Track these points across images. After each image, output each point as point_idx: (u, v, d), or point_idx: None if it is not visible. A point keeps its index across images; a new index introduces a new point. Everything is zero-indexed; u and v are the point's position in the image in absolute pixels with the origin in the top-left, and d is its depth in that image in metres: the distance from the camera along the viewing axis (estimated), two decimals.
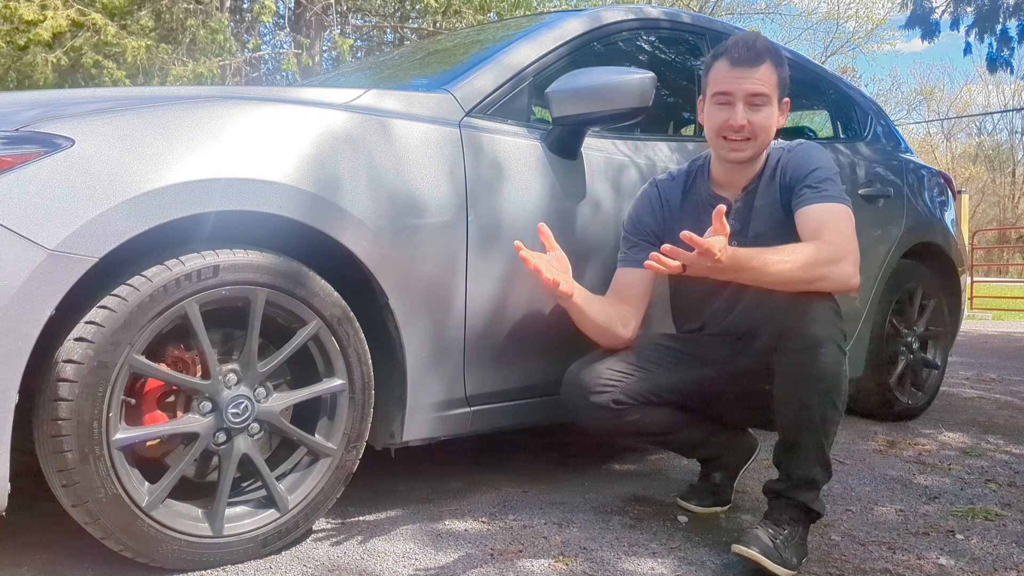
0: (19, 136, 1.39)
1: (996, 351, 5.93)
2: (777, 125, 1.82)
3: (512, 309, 1.95)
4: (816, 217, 1.71)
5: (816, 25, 27.04)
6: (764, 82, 1.76)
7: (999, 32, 8.67)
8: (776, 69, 1.79)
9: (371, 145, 1.74)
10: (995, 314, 10.62)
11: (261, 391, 1.61)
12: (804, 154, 1.81)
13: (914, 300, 3.19)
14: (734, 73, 1.76)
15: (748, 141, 1.78)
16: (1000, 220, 37.94)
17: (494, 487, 2.19)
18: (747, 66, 1.75)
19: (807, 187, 1.75)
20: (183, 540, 1.51)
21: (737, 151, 1.78)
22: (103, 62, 9.08)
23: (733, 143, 1.78)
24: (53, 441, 1.38)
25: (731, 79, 1.76)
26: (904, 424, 3.11)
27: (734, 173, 1.87)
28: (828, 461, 1.67)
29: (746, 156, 1.80)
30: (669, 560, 1.69)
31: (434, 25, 12.18)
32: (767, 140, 1.81)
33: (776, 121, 1.82)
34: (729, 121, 1.76)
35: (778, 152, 1.86)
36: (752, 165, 1.85)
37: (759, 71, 1.75)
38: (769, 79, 1.77)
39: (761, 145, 1.80)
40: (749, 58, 1.75)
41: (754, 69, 1.75)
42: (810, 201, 1.73)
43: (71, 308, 1.40)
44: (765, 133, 1.79)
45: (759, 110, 1.76)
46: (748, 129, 1.76)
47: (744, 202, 1.86)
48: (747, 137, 1.77)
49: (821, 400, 1.61)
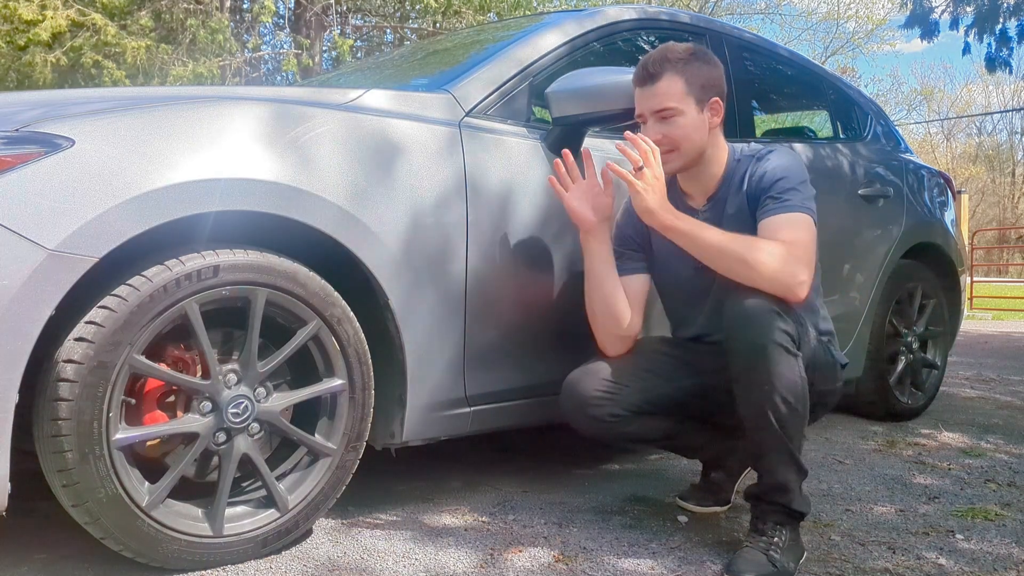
0: (19, 136, 1.39)
1: (996, 351, 5.93)
2: (709, 125, 1.81)
3: (512, 309, 1.95)
4: (775, 226, 1.71)
5: (816, 25, 27.02)
6: (668, 95, 1.78)
7: (998, 32, 8.66)
8: (680, 76, 1.78)
9: (371, 145, 1.74)
10: (995, 314, 10.62)
11: (261, 391, 1.61)
12: (771, 163, 1.79)
13: (914, 300, 3.20)
14: (640, 93, 1.83)
15: (672, 153, 1.79)
16: (1000, 220, 37.94)
17: (494, 487, 2.19)
18: (647, 83, 1.80)
19: (770, 197, 1.74)
20: (183, 540, 1.51)
21: (666, 163, 1.78)
22: (103, 62, 9.08)
23: (662, 156, 1.78)
24: (53, 441, 1.38)
25: (640, 99, 1.83)
26: (904, 424, 3.11)
27: (692, 181, 1.88)
28: (799, 462, 1.65)
29: (675, 166, 1.81)
30: (669, 560, 1.69)
31: (434, 25, 12.18)
32: (693, 146, 1.80)
33: (702, 126, 1.80)
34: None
35: (747, 161, 1.84)
36: (705, 172, 1.85)
37: (659, 86, 1.78)
38: (672, 90, 1.78)
39: (688, 153, 1.80)
40: (645, 77, 1.80)
41: (654, 85, 1.79)
42: (772, 212, 1.72)
43: (71, 308, 1.40)
44: (686, 141, 1.79)
45: (669, 121, 1.78)
46: (666, 142, 1.78)
47: (712, 211, 1.85)
48: (669, 149, 1.79)
49: (774, 404, 1.59)
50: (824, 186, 1.83)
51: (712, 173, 1.86)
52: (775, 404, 1.59)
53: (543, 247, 2.00)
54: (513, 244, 1.94)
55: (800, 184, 1.76)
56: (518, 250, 1.95)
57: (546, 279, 2.01)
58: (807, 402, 1.64)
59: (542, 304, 2.01)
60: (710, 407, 1.88)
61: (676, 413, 1.87)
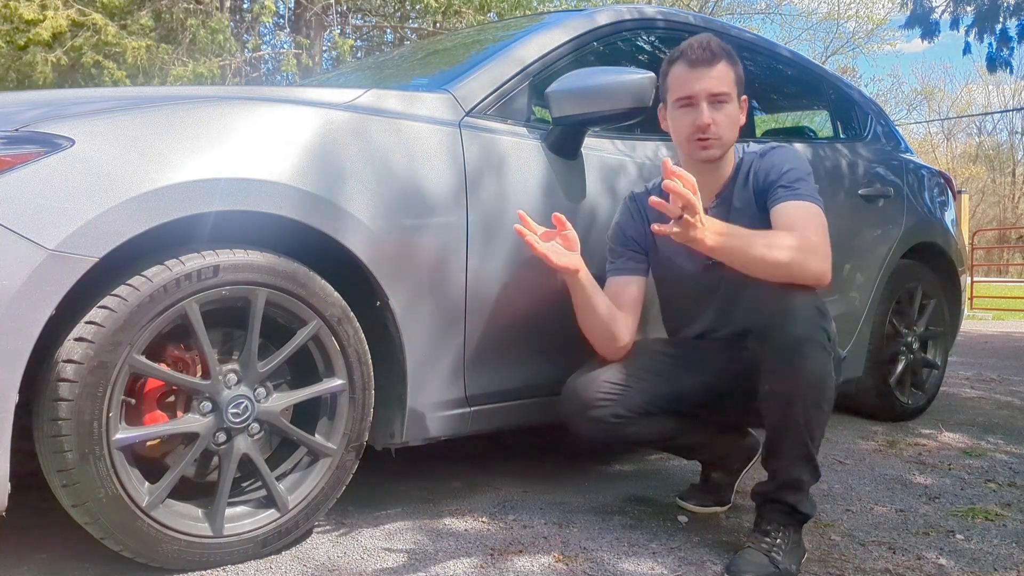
0: (19, 136, 1.39)
1: (996, 351, 5.93)
2: (739, 123, 1.84)
3: (512, 309, 1.95)
4: (791, 213, 1.72)
5: (816, 25, 27.02)
6: (723, 80, 1.78)
7: (998, 32, 8.66)
8: (732, 67, 1.81)
9: (371, 145, 1.74)
10: (995, 314, 10.62)
11: (261, 391, 1.61)
12: (777, 157, 1.82)
13: (914, 300, 3.19)
14: (693, 75, 1.78)
15: (716, 140, 1.79)
16: (1000, 220, 37.93)
17: (494, 487, 2.19)
18: (704, 66, 1.77)
19: (781, 186, 1.77)
20: (183, 540, 1.51)
21: (707, 149, 1.79)
22: (103, 62, 9.08)
23: (703, 143, 1.78)
24: (53, 441, 1.38)
25: (691, 81, 1.78)
26: (904, 424, 3.11)
27: (704, 177, 1.86)
28: (815, 461, 1.66)
29: (716, 154, 1.81)
30: (669, 560, 1.69)
31: (434, 25, 12.18)
32: (732, 138, 1.82)
33: (738, 118, 1.83)
34: (696, 122, 1.77)
35: (751, 157, 1.86)
36: (721, 168, 1.86)
37: (716, 69, 1.77)
38: (727, 77, 1.79)
39: (727, 143, 1.81)
40: (706, 58, 1.77)
41: (711, 68, 1.77)
42: (784, 199, 1.75)
43: (71, 308, 1.40)
44: (729, 130, 1.80)
45: (722, 108, 1.78)
46: (714, 129, 1.77)
47: (719, 208, 1.86)
48: (715, 136, 1.78)
49: (804, 400, 1.60)
50: (824, 186, 1.84)
51: (723, 172, 1.86)
52: (804, 400, 1.60)
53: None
54: (513, 244, 1.94)
55: (807, 175, 1.80)
56: (518, 250, 1.95)
57: (546, 279, 2.01)
58: (832, 403, 1.65)
59: (542, 304, 2.01)
60: (714, 405, 1.88)
61: (678, 413, 1.87)
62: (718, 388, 1.85)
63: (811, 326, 1.60)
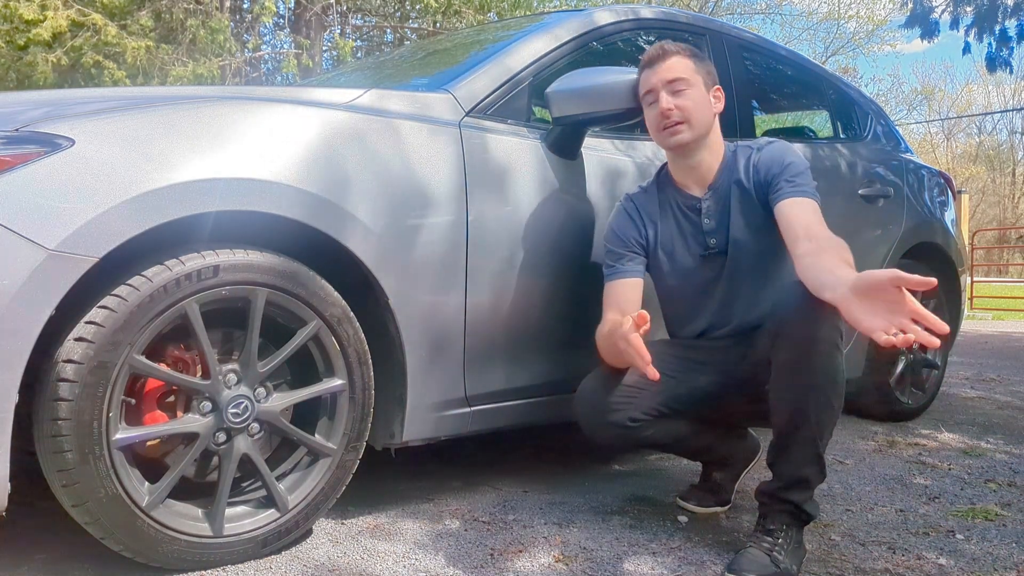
0: (19, 136, 1.39)
1: (996, 351, 5.93)
2: (715, 110, 1.89)
3: (512, 309, 1.95)
4: (801, 208, 1.75)
5: (816, 25, 26.95)
6: (677, 69, 1.85)
7: (998, 32, 8.66)
8: (689, 59, 1.87)
9: (371, 145, 1.74)
10: (995, 314, 10.61)
11: (261, 391, 1.61)
12: (776, 151, 1.86)
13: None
14: (650, 71, 1.87)
15: (682, 124, 1.83)
16: (1000, 220, 37.93)
17: (494, 487, 2.19)
18: (659, 61, 1.86)
19: (785, 181, 1.80)
20: (183, 540, 1.51)
21: (675, 134, 1.84)
22: (103, 62, 9.07)
23: (669, 129, 1.84)
24: (53, 441, 1.38)
25: (648, 78, 1.87)
26: (904, 424, 3.11)
27: (691, 170, 1.90)
28: (823, 461, 1.66)
29: (687, 138, 1.84)
30: (669, 560, 1.69)
31: (434, 25, 12.18)
32: (703, 122, 1.85)
33: (709, 105, 1.87)
34: (658, 110, 1.83)
35: (746, 151, 1.90)
36: (705, 158, 1.89)
37: (669, 61, 1.85)
38: (683, 66, 1.86)
39: (697, 126, 1.84)
40: (659, 55, 1.87)
41: (664, 61, 1.86)
42: (789, 194, 1.78)
43: (71, 308, 1.40)
44: (698, 113, 1.84)
45: (682, 94, 1.84)
46: (676, 112, 1.83)
47: (715, 200, 1.88)
48: (679, 120, 1.83)
49: (816, 398, 1.60)
50: (824, 186, 1.84)
51: (710, 163, 1.89)
52: (817, 398, 1.60)
53: (543, 247, 2.00)
54: (513, 244, 1.94)
55: (806, 169, 1.84)
56: (518, 250, 1.95)
57: (546, 279, 2.01)
58: (842, 403, 1.65)
59: (542, 304, 2.01)
60: (723, 405, 1.88)
61: (689, 415, 1.87)
62: (729, 388, 1.85)
63: (826, 325, 1.60)
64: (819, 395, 1.60)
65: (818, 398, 1.60)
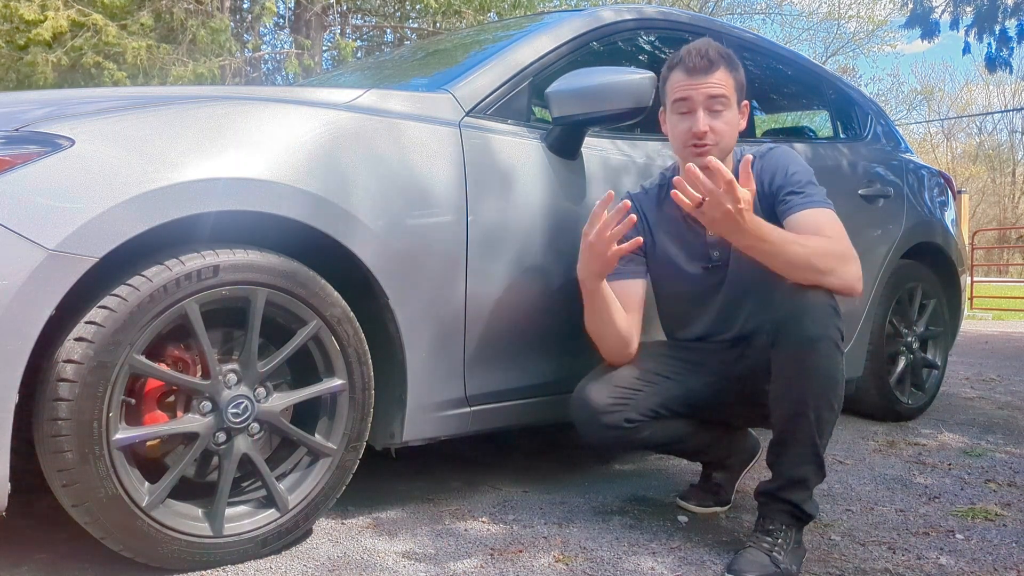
0: (19, 136, 1.39)
1: (996, 351, 5.93)
2: (739, 128, 1.85)
3: (512, 309, 1.95)
4: (813, 220, 1.72)
5: (817, 26, 26.95)
6: (721, 87, 1.79)
7: (998, 32, 8.66)
8: (732, 73, 1.81)
9: (371, 145, 1.74)
10: (995, 314, 10.61)
11: (261, 391, 1.61)
12: (779, 159, 1.83)
13: (914, 300, 3.19)
14: (691, 82, 1.79)
15: (714, 147, 1.79)
16: (1000, 220, 37.91)
17: (494, 487, 2.19)
18: (702, 74, 1.79)
19: (792, 192, 1.77)
20: (183, 540, 1.51)
21: (702, 155, 1.76)
22: (103, 62, 9.08)
23: (698, 148, 1.78)
24: (53, 441, 1.38)
25: (688, 88, 1.80)
26: (904, 424, 3.11)
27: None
28: (822, 461, 1.66)
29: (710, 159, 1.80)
30: (669, 560, 1.69)
31: (434, 25, 12.19)
32: (731, 143, 1.83)
33: (737, 124, 1.84)
34: (692, 129, 1.78)
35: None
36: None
37: (714, 76, 1.78)
38: (725, 83, 1.80)
39: (725, 149, 1.82)
40: (703, 66, 1.78)
41: (709, 75, 1.78)
42: (801, 207, 1.75)
43: (71, 308, 1.40)
44: (727, 137, 1.81)
45: (719, 115, 1.79)
46: (711, 136, 1.78)
47: None
48: (712, 143, 1.78)
49: (816, 397, 1.60)
50: (824, 186, 1.83)
51: None
52: (816, 399, 1.60)
53: (543, 247, 2.00)
54: (513, 244, 1.94)
55: (812, 177, 1.81)
56: (518, 250, 1.95)
57: (546, 279, 2.01)
58: (842, 403, 1.65)
59: (542, 304, 2.01)
60: (720, 406, 1.88)
61: (686, 415, 1.86)
62: (725, 388, 1.85)
63: (826, 324, 1.60)
64: (819, 395, 1.60)
65: (818, 398, 1.60)
